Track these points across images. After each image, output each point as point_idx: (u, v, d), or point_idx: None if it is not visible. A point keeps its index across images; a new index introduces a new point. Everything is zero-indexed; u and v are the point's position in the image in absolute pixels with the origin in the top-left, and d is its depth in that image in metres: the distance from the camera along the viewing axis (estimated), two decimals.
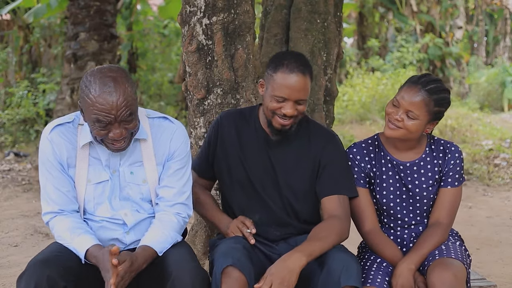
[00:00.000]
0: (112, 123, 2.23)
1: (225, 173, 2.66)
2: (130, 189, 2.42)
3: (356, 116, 12.10)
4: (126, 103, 2.22)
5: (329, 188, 2.56)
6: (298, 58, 2.52)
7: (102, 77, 2.22)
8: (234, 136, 2.64)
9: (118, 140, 2.26)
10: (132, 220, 2.42)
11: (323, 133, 2.65)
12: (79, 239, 2.29)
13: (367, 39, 17.73)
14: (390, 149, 2.68)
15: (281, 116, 2.48)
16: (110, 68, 2.27)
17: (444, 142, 2.68)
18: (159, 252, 2.34)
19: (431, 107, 2.52)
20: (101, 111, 2.20)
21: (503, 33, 21.85)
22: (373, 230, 2.61)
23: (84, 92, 2.24)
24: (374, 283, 2.44)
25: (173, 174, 2.44)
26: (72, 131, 2.39)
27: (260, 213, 2.61)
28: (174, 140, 2.44)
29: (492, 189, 7.65)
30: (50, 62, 12.76)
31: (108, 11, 8.40)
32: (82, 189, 2.39)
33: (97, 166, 2.40)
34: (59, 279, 2.16)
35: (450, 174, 2.63)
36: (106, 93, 2.19)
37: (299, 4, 3.93)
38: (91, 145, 2.39)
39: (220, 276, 2.27)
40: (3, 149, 10.54)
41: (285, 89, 2.44)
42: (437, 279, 2.35)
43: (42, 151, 2.38)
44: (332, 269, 2.31)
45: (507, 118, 13.68)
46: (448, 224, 2.61)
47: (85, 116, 2.30)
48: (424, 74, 2.62)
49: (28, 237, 5.48)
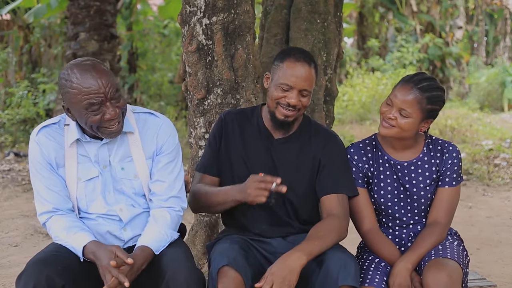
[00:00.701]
0: (104, 103, 2.26)
1: (227, 170, 2.66)
2: (123, 184, 2.44)
3: (356, 116, 12.11)
4: (110, 81, 2.27)
5: (329, 187, 2.56)
6: (305, 51, 2.61)
7: (79, 66, 2.27)
8: (237, 134, 2.65)
9: (114, 120, 2.29)
10: (127, 215, 2.43)
11: (324, 133, 2.67)
12: (75, 237, 2.31)
13: (367, 39, 17.74)
14: (387, 149, 2.68)
15: (284, 106, 2.50)
16: (82, 59, 2.34)
17: (442, 141, 2.69)
18: (155, 251, 2.35)
19: (424, 105, 2.53)
20: (90, 94, 2.23)
21: (503, 33, 21.85)
22: (372, 229, 2.61)
23: (67, 86, 2.27)
24: (372, 283, 2.44)
25: (164, 168, 2.46)
26: (58, 132, 2.42)
27: (260, 212, 2.61)
28: (161, 134, 2.46)
29: (492, 189, 7.65)
30: (50, 62, 12.77)
31: (108, 11, 8.40)
32: (74, 188, 2.41)
33: (86, 164, 2.41)
34: (57, 278, 2.16)
35: (447, 174, 2.63)
36: (89, 77, 2.24)
37: (299, 4, 3.93)
38: (79, 143, 2.41)
39: (216, 276, 2.28)
40: (3, 149, 10.54)
41: (291, 77, 2.48)
42: (432, 280, 2.35)
43: (31, 154, 2.41)
44: (330, 269, 2.31)
45: (507, 118, 13.68)
46: (446, 224, 2.61)
47: (73, 111, 2.31)
48: (417, 73, 2.64)
49: (28, 237, 5.49)
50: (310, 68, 2.51)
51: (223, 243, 2.46)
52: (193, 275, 2.27)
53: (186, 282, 2.23)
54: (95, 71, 2.26)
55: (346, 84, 13.99)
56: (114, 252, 2.23)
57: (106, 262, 2.20)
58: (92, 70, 2.25)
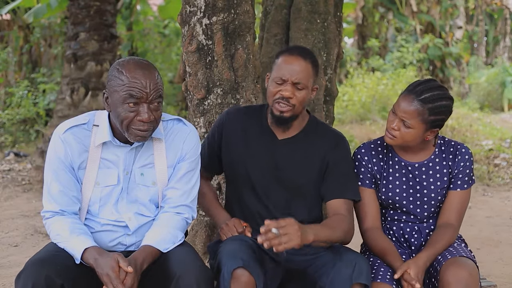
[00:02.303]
0: (142, 102, 2.27)
1: (228, 168, 2.67)
2: (139, 191, 2.42)
3: (356, 116, 12.10)
4: (157, 86, 2.30)
5: (336, 191, 2.56)
6: (303, 48, 2.64)
7: (136, 61, 2.32)
8: (239, 133, 2.65)
9: (145, 124, 2.29)
10: (135, 224, 2.42)
11: (332, 135, 2.65)
12: (77, 239, 2.28)
13: (367, 39, 17.73)
14: (398, 151, 2.66)
15: (280, 100, 2.49)
16: (141, 59, 2.39)
17: (455, 143, 2.66)
18: (162, 250, 2.33)
19: (425, 116, 2.49)
20: (134, 87, 2.25)
21: (503, 33, 21.84)
22: (373, 228, 2.61)
23: (115, 75, 2.29)
24: (384, 279, 2.44)
25: (183, 177, 2.46)
26: (85, 133, 2.39)
27: (259, 212, 2.61)
28: (187, 142, 2.47)
29: (492, 189, 7.65)
30: (50, 62, 12.76)
31: (108, 11, 8.39)
32: (89, 191, 2.39)
33: (107, 169, 2.40)
34: (56, 278, 2.15)
35: (459, 177, 2.62)
36: (140, 73, 2.28)
37: (299, 4, 3.93)
38: (104, 146, 2.39)
39: (229, 278, 2.24)
40: (3, 149, 10.54)
41: (283, 70, 2.49)
42: (453, 278, 2.34)
43: (53, 151, 2.37)
44: (342, 268, 2.31)
45: (507, 118, 13.68)
46: (458, 226, 2.62)
47: (112, 100, 2.31)
48: (424, 80, 2.58)
49: (28, 237, 5.49)
50: (306, 62, 2.51)
51: (232, 243, 2.42)
52: (202, 274, 2.26)
53: (196, 281, 2.21)
54: (148, 72, 2.29)
55: (346, 84, 13.98)
56: (116, 260, 2.20)
57: (107, 271, 2.17)
58: (145, 69, 2.30)
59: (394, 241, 2.67)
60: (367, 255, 2.64)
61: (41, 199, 2.42)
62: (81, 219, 2.41)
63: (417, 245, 2.65)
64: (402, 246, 2.68)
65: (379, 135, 3.24)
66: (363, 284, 2.30)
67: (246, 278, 2.24)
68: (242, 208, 2.65)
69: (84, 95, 8.18)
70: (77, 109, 8.03)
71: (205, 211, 2.77)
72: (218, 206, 2.73)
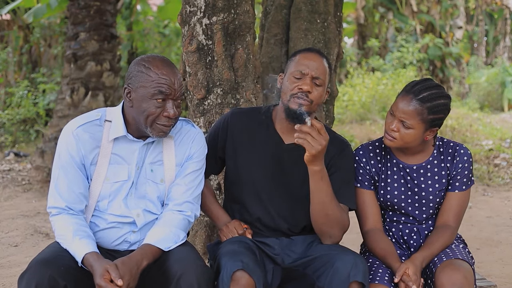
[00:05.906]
0: (170, 98, 2.35)
1: (231, 171, 2.66)
2: (148, 186, 2.44)
3: (356, 116, 12.10)
4: (182, 85, 2.41)
5: (337, 197, 2.54)
6: (318, 49, 2.73)
7: (162, 59, 2.40)
8: (245, 136, 2.63)
9: (170, 120, 2.36)
10: (142, 221, 2.43)
11: (338, 142, 2.64)
12: (80, 242, 2.27)
13: (367, 39, 17.72)
14: (396, 152, 2.66)
15: (298, 94, 2.50)
16: (162, 56, 2.46)
17: (454, 144, 2.65)
18: (163, 248, 2.33)
19: (425, 115, 2.49)
20: (164, 83, 2.33)
21: (503, 33, 21.83)
22: (374, 230, 2.60)
23: (142, 71, 2.35)
24: (383, 281, 2.44)
25: (189, 175, 2.48)
26: (98, 129, 2.41)
27: (260, 219, 2.61)
28: (196, 142, 2.52)
29: (492, 189, 7.65)
30: (50, 62, 12.76)
31: (108, 11, 8.39)
32: (99, 186, 2.40)
33: (117, 165, 2.41)
34: (60, 278, 2.16)
35: (458, 178, 2.60)
36: (169, 71, 2.37)
37: (299, 4, 3.93)
38: (116, 141, 2.41)
39: (229, 280, 2.24)
40: (3, 149, 10.54)
41: (303, 65, 2.53)
42: (447, 280, 2.34)
43: (64, 146, 2.38)
44: (340, 267, 2.31)
45: (507, 118, 13.67)
46: (456, 228, 2.61)
47: (137, 96, 2.35)
48: (420, 80, 2.58)
49: (28, 237, 5.49)
50: (322, 58, 2.58)
51: (231, 245, 2.42)
52: (203, 273, 2.26)
53: (197, 280, 2.22)
54: (174, 69, 2.39)
55: (346, 84, 13.98)
56: (107, 270, 2.19)
57: (99, 281, 2.17)
58: (172, 67, 2.39)
59: (394, 243, 2.67)
60: (367, 256, 2.64)
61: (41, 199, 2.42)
62: (88, 217, 2.41)
63: (416, 247, 2.64)
64: (401, 247, 2.68)
65: (379, 135, 3.23)
66: (361, 283, 2.30)
67: (246, 280, 2.24)
68: (242, 211, 2.64)
69: (84, 95, 8.18)
70: (77, 109, 8.03)
71: (205, 212, 2.77)
72: (218, 207, 2.72)
